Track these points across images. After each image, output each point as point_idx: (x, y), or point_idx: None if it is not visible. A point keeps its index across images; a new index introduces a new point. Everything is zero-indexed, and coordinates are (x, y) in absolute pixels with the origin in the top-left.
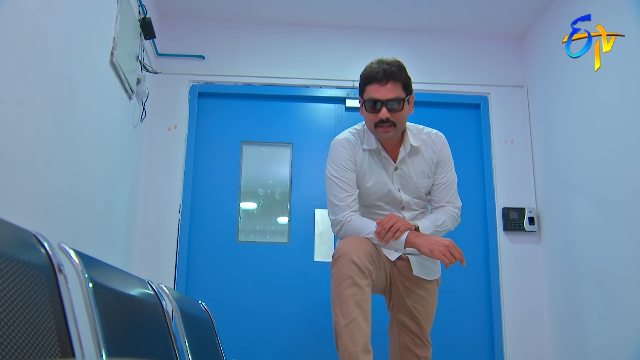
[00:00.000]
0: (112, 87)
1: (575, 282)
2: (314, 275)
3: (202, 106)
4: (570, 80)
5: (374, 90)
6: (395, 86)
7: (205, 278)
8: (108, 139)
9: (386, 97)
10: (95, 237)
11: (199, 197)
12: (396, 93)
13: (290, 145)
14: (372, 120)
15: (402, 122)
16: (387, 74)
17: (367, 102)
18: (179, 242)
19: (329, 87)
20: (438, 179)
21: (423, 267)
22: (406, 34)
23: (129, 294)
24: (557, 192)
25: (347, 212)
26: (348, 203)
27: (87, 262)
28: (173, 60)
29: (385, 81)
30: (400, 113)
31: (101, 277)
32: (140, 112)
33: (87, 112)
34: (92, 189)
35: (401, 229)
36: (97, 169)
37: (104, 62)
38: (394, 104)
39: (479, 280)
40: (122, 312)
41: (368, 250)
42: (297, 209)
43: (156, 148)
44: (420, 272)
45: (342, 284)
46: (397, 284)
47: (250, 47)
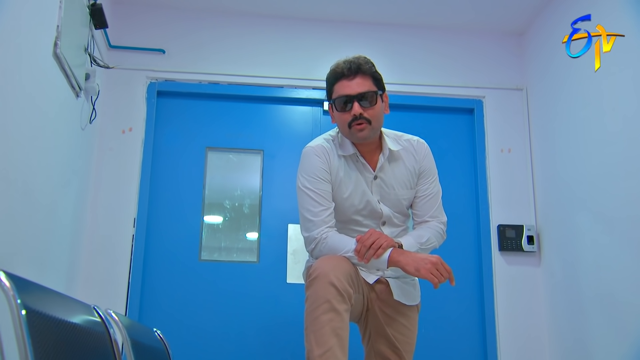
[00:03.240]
0: (56, 83)
1: (580, 308)
2: (285, 299)
3: (162, 106)
4: (574, 83)
5: (343, 86)
6: (365, 79)
7: (162, 302)
8: (50, 143)
9: (356, 92)
10: (33, 256)
11: (156, 210)
12: (366, 87)
13: (261, 152)
14: (344, 120)
15: (378, 120)
16: (353, 67)
17: (337, 102)
18: (133, 261)
19: (305, 88)
20: (421, 191)
21: (403, 291)
22: (392, 30)
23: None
24: (559, 208)
25: (322, 228)
26: (323, 218)
27: (20, 286)
28: (128, 54)
29: (352, 75)
30: (374, 109)
31: (37, 302)
32: (90, 112)
33: (26, 111)
34: (30, 199)
35: (383, 245)
36: (37, 176)
37: (46, 54)
38: (365, 99)
39: (471, 306)
40: (61, 343)
41: (348, 271)
42: (268, 224)
43: (108, 153)
44: (400, 297)
45: (318, 308)
46: (375, 310)
47: (217, 42)
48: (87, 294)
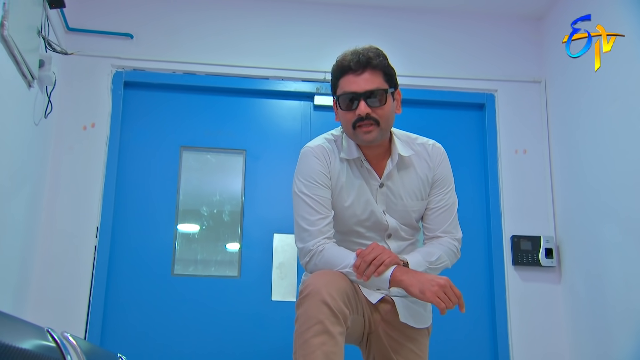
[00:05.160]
0: (3, 70)
1: (606, 330)
2: (270, 319)
3: (130, 99)
4: (600, 75)
5: (349, 82)
6: (374, 75)
7: (129, 324)
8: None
9: (364, 89)
10: None
11: (123, 218)
12: (376, 83)
13: (243, 153)
14: (349, 120)
15: (387, 121)
16: (362, 61)
17: (341, 99)
18: (95, 276)
19: (294, 80)
20: (433, 202)
21: (411, 312)
22: (392, 15)
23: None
24: (582, 216)
25: (319, 239)
26: (320, 228)
27: None
28: (90, 39)
29: (361, 70)
30: (383, 108)
31: None
32: (45, 104)
33: None
34: None
35: (386, 262)
36: None
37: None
38: (374, 97)
39: (481, 329)
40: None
41: (344, 289)
42: (250, 233)
43: (67, 152)
44: (407, 319)
45: (309, 330)
46: (380, 333)
47: (194, 26)
48: (40, 315)
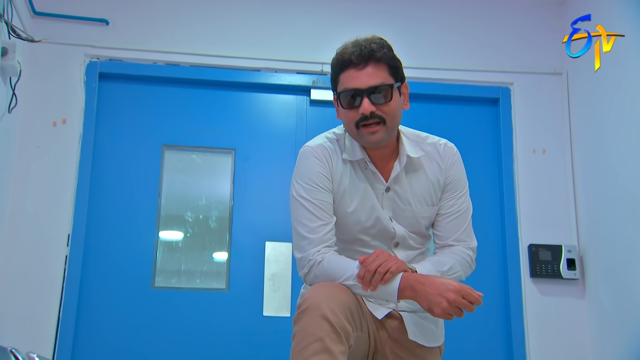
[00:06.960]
0: None
1: (636, 351)
2: (262, 336)
3: (105, 93)
4: (629, 66)
5: (350, 77)
6: (378, 69)
7: (103, 342)
8: None
9: (367, 85)
10: None
11: (97, 224)
12: (380, 78)
13: (232, 152)
14: (351, 119)
15: (394, 119)
16: (365, 53)
17: (342, 96)
18: (65, 290)
19: (289, 72)
20: (445, 207)
21: (421, 329)
22: (398, 0)
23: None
24: (608, 224)
25: (319, 248)
26: (321, 236)
27: None
28: (60, 24)
29: (363, 64)
30: (389, 105)
31: None
32: (9, 98)
33: None
34: None
35: (392, 269)
36: None
37: None
38: (378, 93)
39: (496, 347)
40: None
41: (347, 304)
42: (240, 241)
43: (34, 152)
44: (417, 336)
45: (308, 348)
46: (386, 352)
47: (178, 12)
48: (3, 334)
